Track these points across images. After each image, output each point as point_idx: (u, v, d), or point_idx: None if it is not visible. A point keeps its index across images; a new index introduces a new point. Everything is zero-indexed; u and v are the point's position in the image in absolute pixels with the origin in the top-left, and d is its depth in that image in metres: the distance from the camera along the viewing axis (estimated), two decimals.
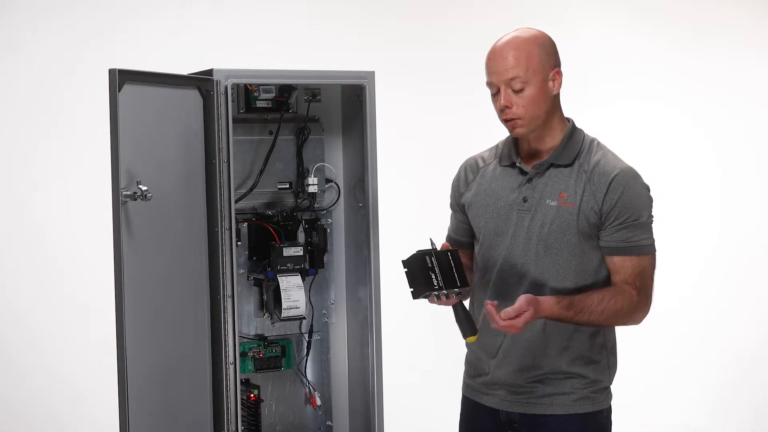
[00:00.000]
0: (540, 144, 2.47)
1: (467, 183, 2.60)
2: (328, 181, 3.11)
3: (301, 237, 3.02)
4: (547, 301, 2.33)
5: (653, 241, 2.43)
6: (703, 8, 5.29)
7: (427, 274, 2.31)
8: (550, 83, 2.43)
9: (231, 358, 2.74)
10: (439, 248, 2.37)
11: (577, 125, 2.52)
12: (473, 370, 2.58)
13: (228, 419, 2.73)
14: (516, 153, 2.51)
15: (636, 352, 5.00)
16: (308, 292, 3.04)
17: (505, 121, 2.45)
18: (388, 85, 3.16)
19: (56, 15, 4.08)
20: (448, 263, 2.34)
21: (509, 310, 2.28)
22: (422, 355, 4.52)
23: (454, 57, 4.67)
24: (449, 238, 2.65)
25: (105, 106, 2.42)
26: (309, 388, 3.13)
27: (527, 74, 2.40)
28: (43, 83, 4.06)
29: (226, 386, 2.74)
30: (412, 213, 4.51)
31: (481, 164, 2.59)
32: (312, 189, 3.06)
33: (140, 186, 2.45)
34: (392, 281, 3.16)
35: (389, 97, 3.25)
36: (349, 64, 3.19)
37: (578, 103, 5.22)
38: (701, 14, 5.29)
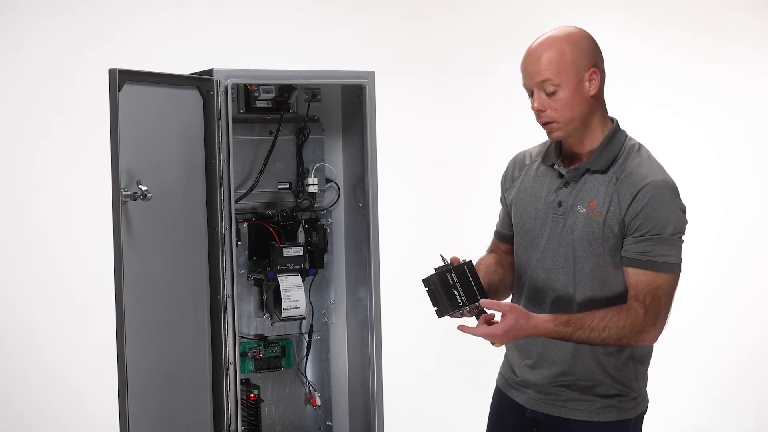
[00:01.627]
0: (579, 147, 2.42)
1: (513, 180, 2.56)
2: (328, 181, 3.11)
3: (301, 237, 3.02)
4: (541, 317, 2.30)
5: (678, 260, 2.34)
6: (703, 8, 5.29)
7: (450, 291, 2.32)
8: (586, 84, 2.35)
9: (231, 358, 2.74)
10: (449, 260, 2.36)
11: (622, 126, 2.45)
12: (508, 366, 2.57)
13: (228, 419, 2.73)
14: (558, 153, 2.46)
15: None
16: (308, 292, 3.04)
17: (542, 125, 2.40)
18: (388, 85, 3.16)
19: (56, 15, 4.08)
20: (466, 277, 2.34)
21: (488, 302, 2.29)
22: (422, 355, 4.52)
23: (454, 57, 4.67)
24: (497, 233, 2.63)
25: (105, 106, 2.42)
26: (309, 388, 3.13)
27: (559, 77, 2.33)
28: (43, 83, 4.06)
29: (226, 386, 2.73)
30: (412, 213, 4.51)
31: (527, 161, 2.55)
32: (312, 189, 3.06)
33: (140, 186, 2.45)
34: (392, 281, 3.16)
35: (389, 97, 3.26)
36: (349, 64, 3.19)
37: None
38: (701, 14, 5.29)
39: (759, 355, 5.34)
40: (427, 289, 2.35)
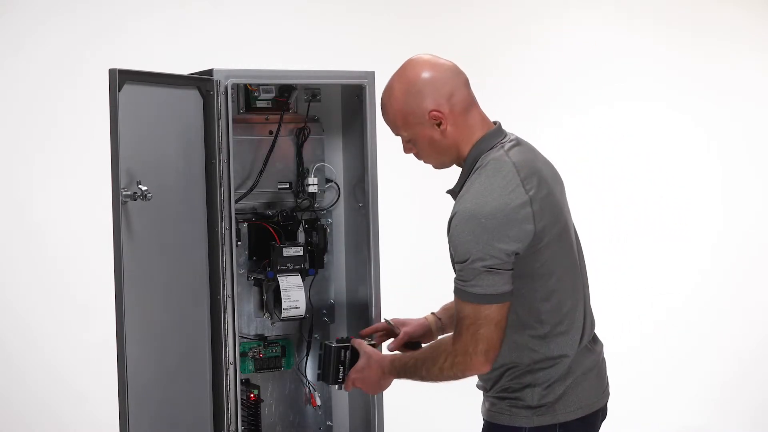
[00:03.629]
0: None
1: None
2: (328, 181, 3.11)
3: (301, 237, 3.02)
4: (383, 356, 2.59)
5: (480, 292, 2.27)
6: (703, 8, 5.30)
7: (337, 366, 2.70)
8: (434, 127, 2.37)
9: (231, 358, 2.74)
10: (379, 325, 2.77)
11: (492, 137, 2.41)
12: None
13: (228, 419, 2.73)
14: None
15: (637, 353, 5.02)
16: (308, 292, 3.04)
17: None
18: None
19: (56, 15, 4.08)
20: (357, 359, 2.68)
21: (356, 341, 2.70)
22: None
23: (454, 57, 4.66)
24: None
25: (105, 106, 2.43)
26: (309, 388, 3.13)
27: (407, 130, 2.41)
28: (43, 83, 4.06)
29: (226, 386, 2.73)
30: (412, 213, 4.51)
31: None
32: (312, 189, 3.05)
33: (140, 186, 2.45)
34: (392, 281, 3.16)
35: None
36: (349, 64, 3.19)
37: (578, 103, 5.25)
38: (701, 14, 5.29)
39: (759, 355, 5.34)
40: (320, 352, 2.75)
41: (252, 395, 3.00)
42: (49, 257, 4.10)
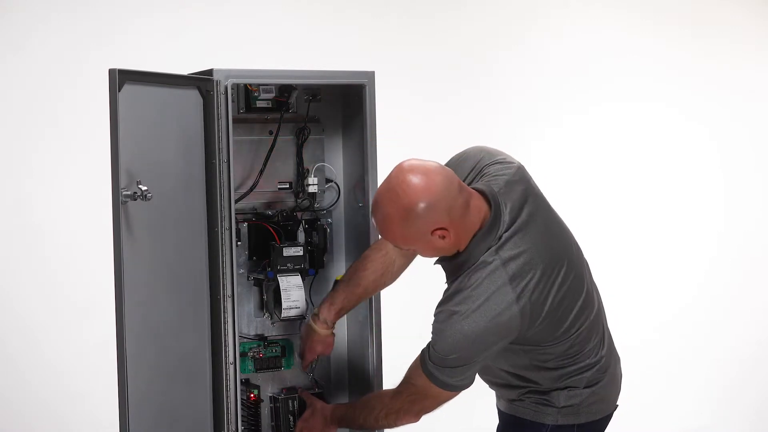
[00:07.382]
0: None
1: None
2: (328, 181, 3.11)
3: (301, 237, 3.02)
4: (326, 406, 2.79)
5: (445, 380, 2.43)
6: (703, 8, 5.30)
7: (287, 416, 2.93)
8: (439, 240, 2.36)
9: (231, 358, 2.74)
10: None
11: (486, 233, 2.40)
12: None
13: (228, 419, 2.73)
14: None
15: (638, 353, 5.01)
16: (308, 292, 3.04)
17: None
18: (388, 85, 3.16)
19: (56, 15, 4.08)
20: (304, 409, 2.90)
21: (304, 393, 2.95)
22: None
23: (454, 57, 4.67)
24: None
25: (105, 106, 2.43)
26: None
27: (409, 246, 2.42)
28: (43, 83, 4.06)
29: (226, 386, 2.74)
30: None
31: None
32: (312, 189, 3.05)
33: (140, 186, 2.45)
34: None
35: (389, 97, 3.26)
36: (349, 64, 3.19)
37: (578, 103, 5.24)
38: (701, 14, 5.30)
39: (760, 356, 5.34)
40: (271, 405, 2.97)
41: (252, 395, 3.00)
42: (49, 257, 4.10)
